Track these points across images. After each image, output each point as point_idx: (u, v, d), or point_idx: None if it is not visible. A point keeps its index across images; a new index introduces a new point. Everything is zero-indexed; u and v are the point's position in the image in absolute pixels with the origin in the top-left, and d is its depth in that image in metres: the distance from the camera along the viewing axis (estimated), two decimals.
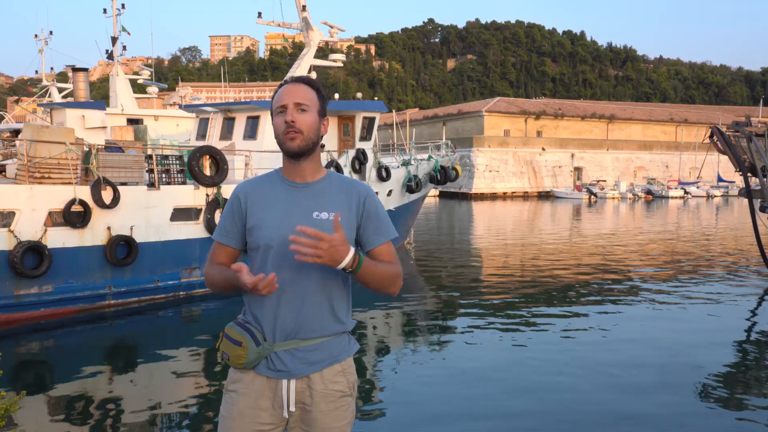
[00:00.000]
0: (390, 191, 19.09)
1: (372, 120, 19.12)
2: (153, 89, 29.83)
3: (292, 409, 2.36)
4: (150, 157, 13.32)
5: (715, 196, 59.60)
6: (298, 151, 2.33)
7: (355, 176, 17.31)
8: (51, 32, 38.53)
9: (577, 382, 8.08)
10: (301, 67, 19.07)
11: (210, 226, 13.40)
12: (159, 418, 7.08)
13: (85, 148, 12.25)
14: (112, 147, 13.89)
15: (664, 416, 6.97)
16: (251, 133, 17.08)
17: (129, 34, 24.76)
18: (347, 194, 2.40)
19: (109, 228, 12.15)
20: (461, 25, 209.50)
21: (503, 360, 9.13)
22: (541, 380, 8.14)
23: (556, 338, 10.24)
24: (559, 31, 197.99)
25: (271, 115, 2.40)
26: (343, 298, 2.43)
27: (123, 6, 24.49)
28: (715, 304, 13.14)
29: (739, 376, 8.65)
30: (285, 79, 2.46)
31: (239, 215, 2.42)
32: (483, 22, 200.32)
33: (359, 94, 31.19)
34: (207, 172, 13.57)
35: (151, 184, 12.99)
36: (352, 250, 2.20)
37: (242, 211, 2.41)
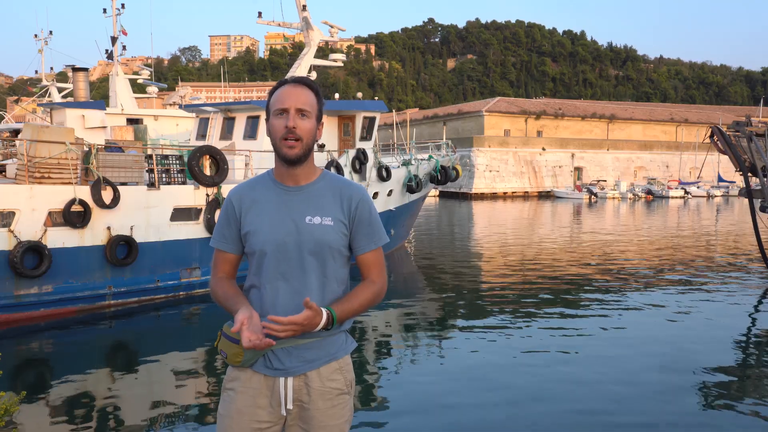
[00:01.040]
0: (390, 191, 19.08)
1: (372, 120, 19.11)
2: (153, 89, 29.83)
3: (290, 406, 2.36)
4: (150, 157, 13.32)
5: (716, 196, 59.59)
6: (295, 159, 2.32)
7: (355, 176, 17.31)
8: (51, 32, 38.54)
9: (577, 381, 8.07)
10: (301, 67, 19.07)
11: (210, 226, 13.39)
12: (159, 417, 7.08)
13: (85, 148, 12.25)
14: (112, 147, 13.89)
15: (664, 416, 6.97)
16: (251, 132, 17.07)
17: (125, 34, 24.61)
18: (340, 197, 2.39)
19: (109, 228, 12.14)
20: (461, 24, 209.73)
21: (503, 360, 9.13)
22: (540, 380, 8.14)
23: (556, 338, 10.23)
24: (560, 30, 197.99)
25: (267, 113, 2.37)
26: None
27: (123, 6, 24.48)
28: (715, 304, 13.13)
29: (739, 376, 8.64)
30: (285, 78, 2.42)
31: (234, 220, 2.42)
32: (483, 21, 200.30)
33: (359, 94, 31.16)
34: (207, 172, 13.57)
35: (151, 184, 12.98)
36: (324, 318, 2.23)
37: (237, 217, 2.41)
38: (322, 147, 17.48)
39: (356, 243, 2.42)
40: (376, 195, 18.25)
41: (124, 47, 24.85)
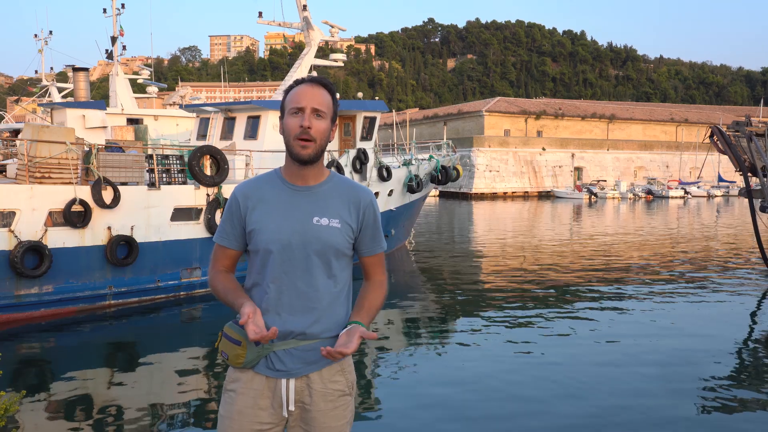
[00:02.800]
0: (391, 191, 19.08)
1: (373, 120, 19.09)
2: (153, 89, 29.84)
3: (292, 408, 2.36)
4: (150, 156, 13.31)
5: (716, 196, 59.60)
6: (308, 159, 2.32)
7: (356, 176, 17.31)
8: (51, 32, 38.53)
9: (577, 382, 8.07)
10: (301, 67, 19.06)
11: (210, 225, 13.38)
12: (159, 417, 7.07)
13: (86, 148, 12.25)
14: (112, 147, 13.89)
15: (664, 417, 6.96)
16: (252, 132, 17.05)
17: (122, 35, 24.52)
18: (348, 200, 2.40)
19: (109, 228, 12.14)
20: (461, 24, 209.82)
21: (503, 361, 9.12)
22: (540, 380, 8.14)
23: (556, 339, 10.23)
24: (560, 30, 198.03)
25: (282, 111, 2.36)
26: (343, 300, 2.43)
27: (123, 6, 24.47)
28: (715, 304, 13.13)
29: (739, 377, 8.64)
30: (303, 77, 2.41)
31: (238, 218, 2.40)
32: (483, 21, 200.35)
33: (360, 94, 31.21)
34: (207, 171, 13.56)
35: (152, 184, 12.98)
36: (358, 339, 2.24)
37: (241, 214, 2.39)
38: None
39: (364, 246, 2.45)
40: (376, 195, 18.23)
41: (124, 47, 24.83)
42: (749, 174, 15.90)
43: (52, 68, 47.61)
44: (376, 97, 58.57)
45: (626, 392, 7.68)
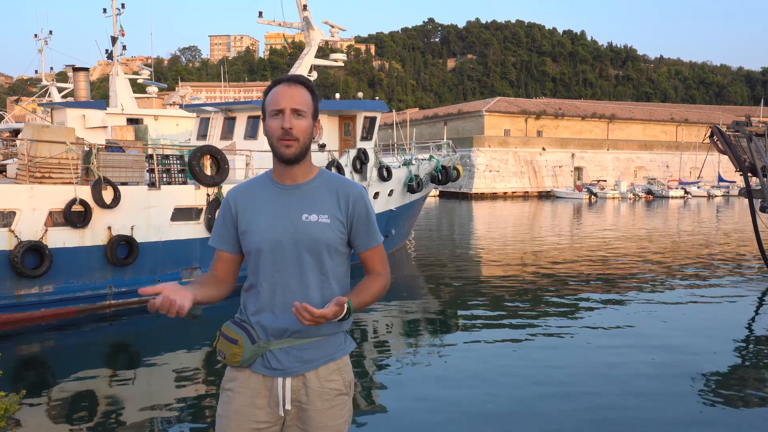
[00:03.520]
0: (391, 191, 19.07)
1: (373, 120, 19.09)
2: (153, 89, 29.83)
3: (288, 407, 2.36)
4: (151, 156, 13.32)
5: (716, 196, 59.58)
6: (292, 158, 2.32)
7: (356, 176, 17.30)
8: (51, 32, 38.49)
9: (577, 382, 8.07)
10: (301, 67, 19.06)
11: (211, 226, 13.39)
12: (158, 417, 7.08)
13: (86, 148, 12.25)
14: (112, 147, 13.89)
15: (663, 417, 6.97)
16: (252, 132, 17.07)
17: (123, 35, 24.53)
18: (337, 195, 2.39)
19: (109, 228, 12.14)
20: (461, 24, 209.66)
21: (503, 360, 9.13)
22: (540, 381, 8.14)
23: (557, 338, 10.24)
24: (560, 30, 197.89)
25: (263, 113, 2.36)
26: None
27: (123, 6, 24.47)
28: (715, 304, 13.13)
29: (738, 376, 8.64)
30: (279, 77, 2.41)
31: (231, 219, 2.42)
32: (483, 21, 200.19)
33: (360, 94, 31.19)
34: (208, 171, 13.57)
35: (152, 184, 12.98)
36: (345, 309, 2.24)
37: (233, 216, 2.41)
38: (323, 147, 17.48)
39: (357, 241, 2.43)
40: (377, 195, 18.24)
41: (124, 47, 24.83)
42: (749, 174, 15.91)
43: (52, 68, 47.61)
44: (376, 97, 58.64)
45: (626, 392, 7.68)
